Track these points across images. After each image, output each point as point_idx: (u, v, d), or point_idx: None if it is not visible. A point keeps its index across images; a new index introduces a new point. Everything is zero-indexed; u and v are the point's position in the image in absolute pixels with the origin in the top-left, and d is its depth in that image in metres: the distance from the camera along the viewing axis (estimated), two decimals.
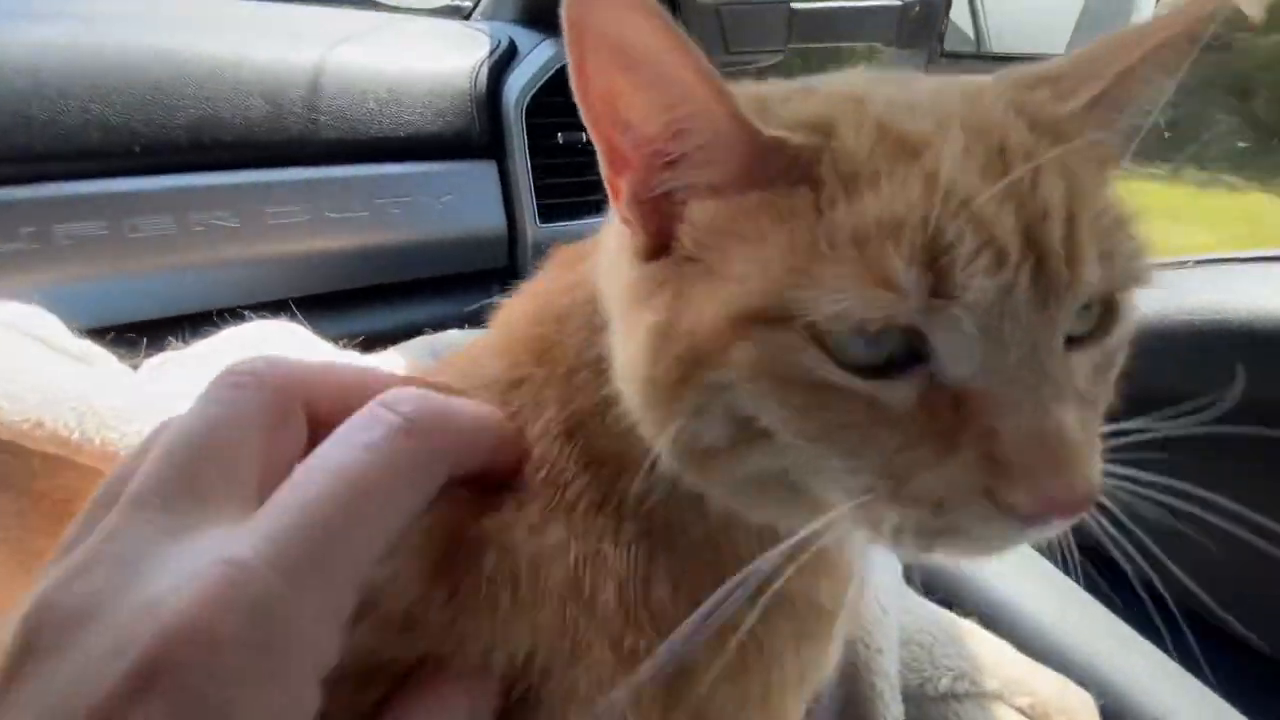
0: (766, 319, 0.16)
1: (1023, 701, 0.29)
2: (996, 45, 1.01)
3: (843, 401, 0.16)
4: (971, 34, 1.01)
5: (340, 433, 0.16)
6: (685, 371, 0.17)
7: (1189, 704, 0.35)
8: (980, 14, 1.00)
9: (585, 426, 0.20)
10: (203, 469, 0.15)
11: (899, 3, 0.81)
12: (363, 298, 0.64)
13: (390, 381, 0.18)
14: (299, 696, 0.14)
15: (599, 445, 0.20)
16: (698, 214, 0.18)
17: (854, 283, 0.15)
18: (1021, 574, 0.41)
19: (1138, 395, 0.20)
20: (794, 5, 0.79)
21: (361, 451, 0.15)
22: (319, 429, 0.17)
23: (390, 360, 0.35)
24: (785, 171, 0.17)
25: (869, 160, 0.16)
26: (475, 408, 0.18)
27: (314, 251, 0.60)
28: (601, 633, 0.18)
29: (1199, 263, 0.42)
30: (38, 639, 0.13)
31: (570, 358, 0.21)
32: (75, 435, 0.26)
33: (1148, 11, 0.87)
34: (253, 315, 0.39)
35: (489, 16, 0.83)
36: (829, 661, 0.23)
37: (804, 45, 0.82)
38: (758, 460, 0.17)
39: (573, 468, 0.19)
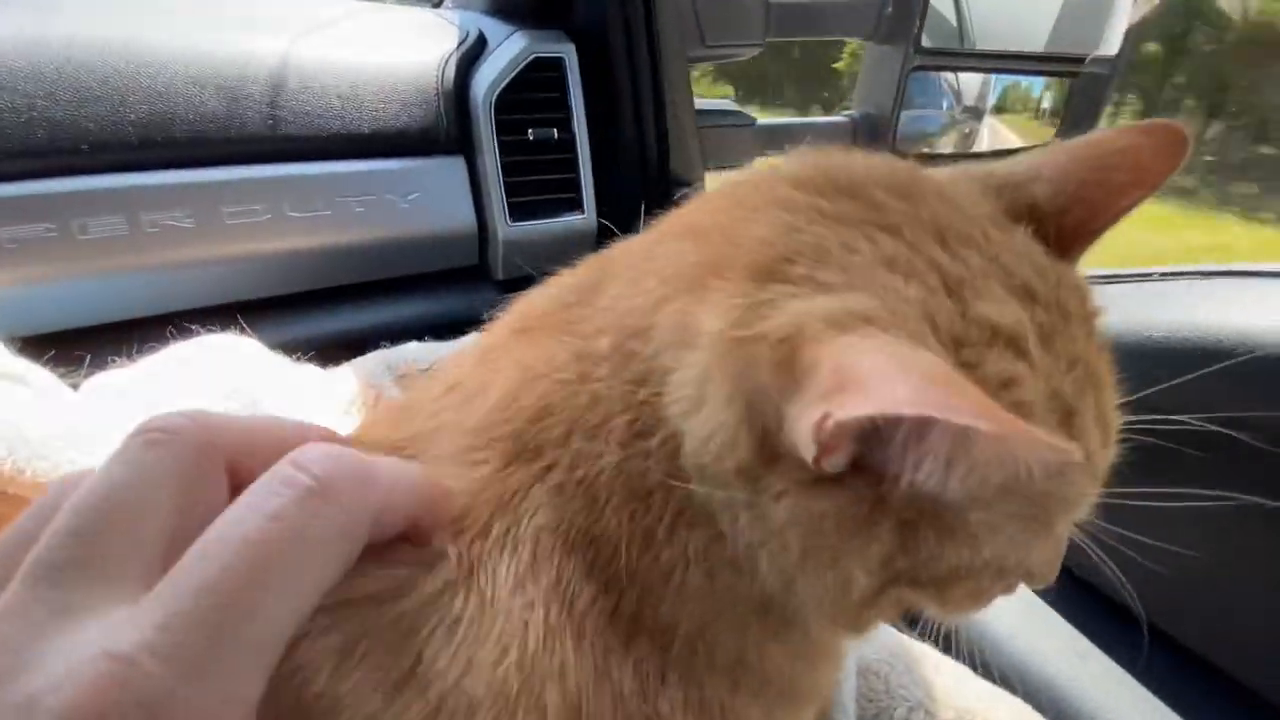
0: None
1: None
2: (980, 40, 1.01)
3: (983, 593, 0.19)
4: (955, 28, 1.01)
5: (245, 498, 0.14)
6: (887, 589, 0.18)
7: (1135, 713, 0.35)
8: (964, 9, 0.99)
9: (596, 537, 0.18)
10: (105, 539, 0.14)
11: None
12: (327, 299, 0.62)
13: (321, 438, 0.17)
14: None
15: (622, 557, 0.18)
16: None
17: (1040, 539, 0.19)
18: None
19: None
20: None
21: (266, 520, 0.14)
22: (242, 489, 0.16)
23: (343, 376, 0.34)
24: None
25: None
26: (393, 463, 0.17)
27: (275, 252, 0.58)
28: None
29: (1164, 275, 0.42)
30: None
31: (592, 459, 0.18)
32: (6, 466, 0.24)
33: (1126, 4, 0.87)
34: (199, 328, 0.37)
35: (461, 4, 0.81)
36: None
37: (781, 39, 0.81)
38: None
39: (582, 583, 0.17)
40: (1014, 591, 0.21)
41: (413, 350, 0.36)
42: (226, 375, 0.31)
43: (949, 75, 0.98)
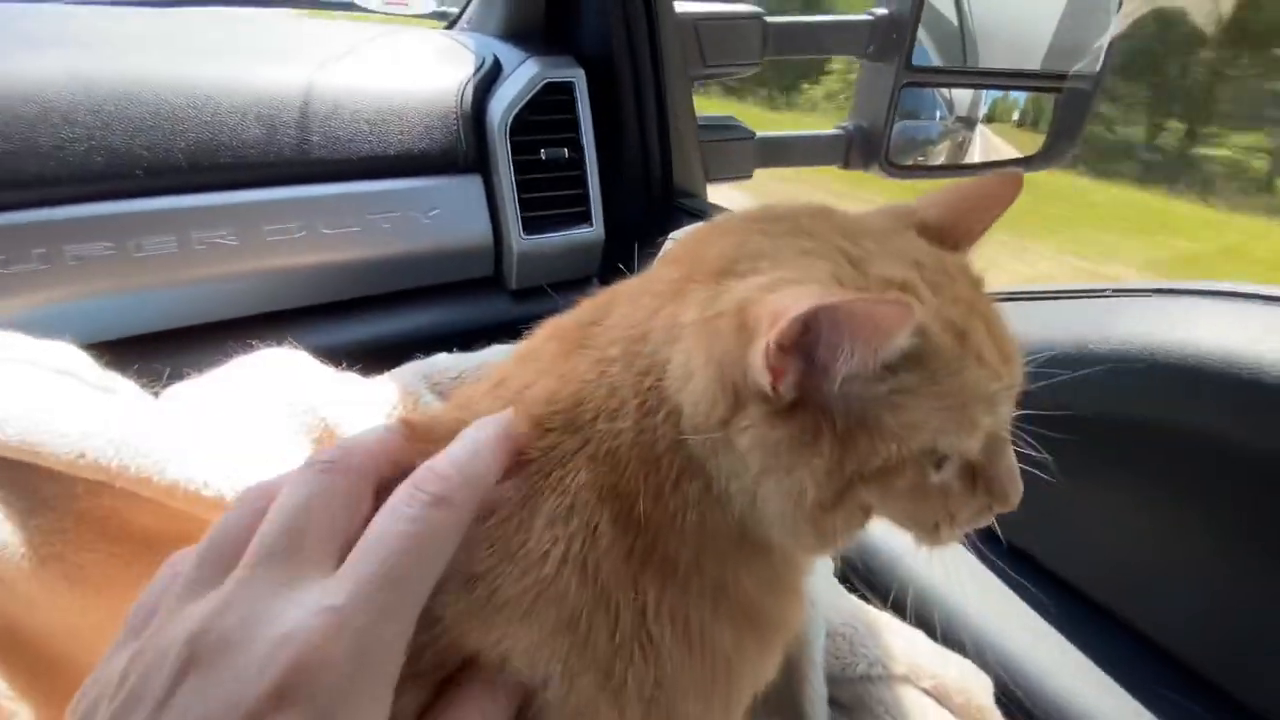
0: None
1: (927, 684, 0.34)
2: (984, 56, 1.04)
3: (933, 489, 0.24)
4: (960, 45, 1.04)
5: (389, 507, 0.21)
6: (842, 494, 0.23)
7: (1085, 684, 0.40)
8: (967, 28, 1.02)
9: (621, 492, 0.23)
10: (305, 535, 0.20)
11: (869, 18, 0.84)
12: (357, 308, 0.67)
13: (425, 455, 0.23)
14: (385, 703, 0.19)
15: (640, 507, 0.23)
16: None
17: (966, 432, 0.23)
18: (949, 571, 0.46)
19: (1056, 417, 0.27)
20: (768, 20, 0.82)
21: (407, 523, 0.20)
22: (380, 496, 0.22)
23: (384, 385, 0.39)
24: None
25: (953, 353, 0.23)
26: (475, 458, 0.22)
27: (310, 265, 0.63)
28: (593, 664, 0.22)
29: (1116, 291, 0.46)
30: (198, 657, 0.18)
31: (620, 427, 0.24)
32: (114, 464, 0.29)
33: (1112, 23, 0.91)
34: (253, 340, 0.42)
35: (474, 27, 0.85)
36: (774, 670, 0.28)
37: (778, 57, 0.86)
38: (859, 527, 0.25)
39: (607, 527, 0.23)
40: (987, 519, 0.26)
41: (443, 361, 0.41)
42: (287, 386, 0.35)
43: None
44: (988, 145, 1.08)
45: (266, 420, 0.34)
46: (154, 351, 0.57)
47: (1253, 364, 0.36)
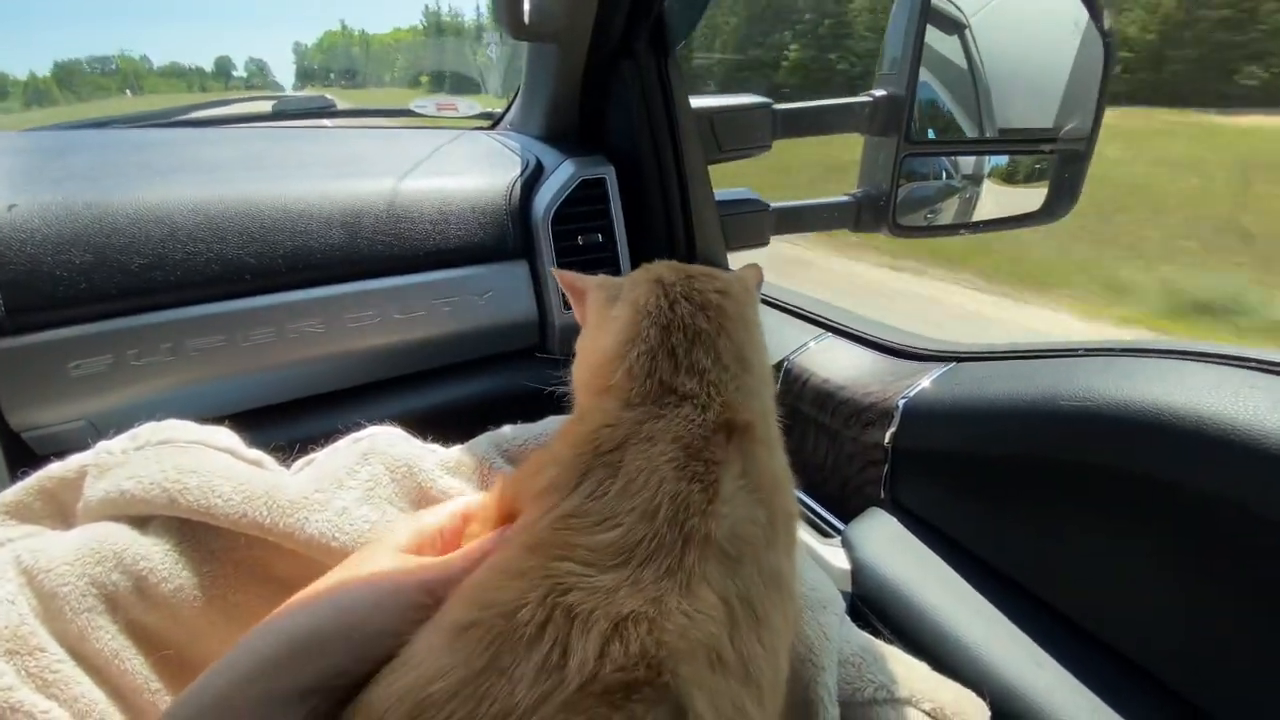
0: None
1: (927, 706, 0.39)
2: (1000, 119, 1.10)
3: None
4: (977, 112, 1.12)
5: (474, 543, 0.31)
6: None
7: (1079, 710, 0.45)
8: (981, 94, 1.10)
9: None
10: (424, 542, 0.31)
11: (869, 99, 0.93)
12: (422, 379, 0.77)
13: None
14: None
15: None
16: None
17: None
18: (954, 606, 0.52)
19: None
20: (776, 107, 0.92)
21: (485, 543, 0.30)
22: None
23: (463, 454, 0.47)
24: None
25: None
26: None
27: (384, 346, 0.73)
28: None
29: (1089, 350, 0.53)
30: None
31: None
32: (267, 522, 0.38)
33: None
34: (344, 414, 0.51)
35: (516, 128, 0.97)
36: None
37: (787, 138, 0.95)
38: None
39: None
40: None
41: (510, 431, 0.49)
42: (390, 453, 0.44)
43: None
44: (996, 201, 1.15)
45: (374, 483, 0.42)
46: (260, 425, 0.67)
47: (1197, 416, 0.42)
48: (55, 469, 0.41)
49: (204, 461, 0.39)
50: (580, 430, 0.32)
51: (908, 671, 0.41)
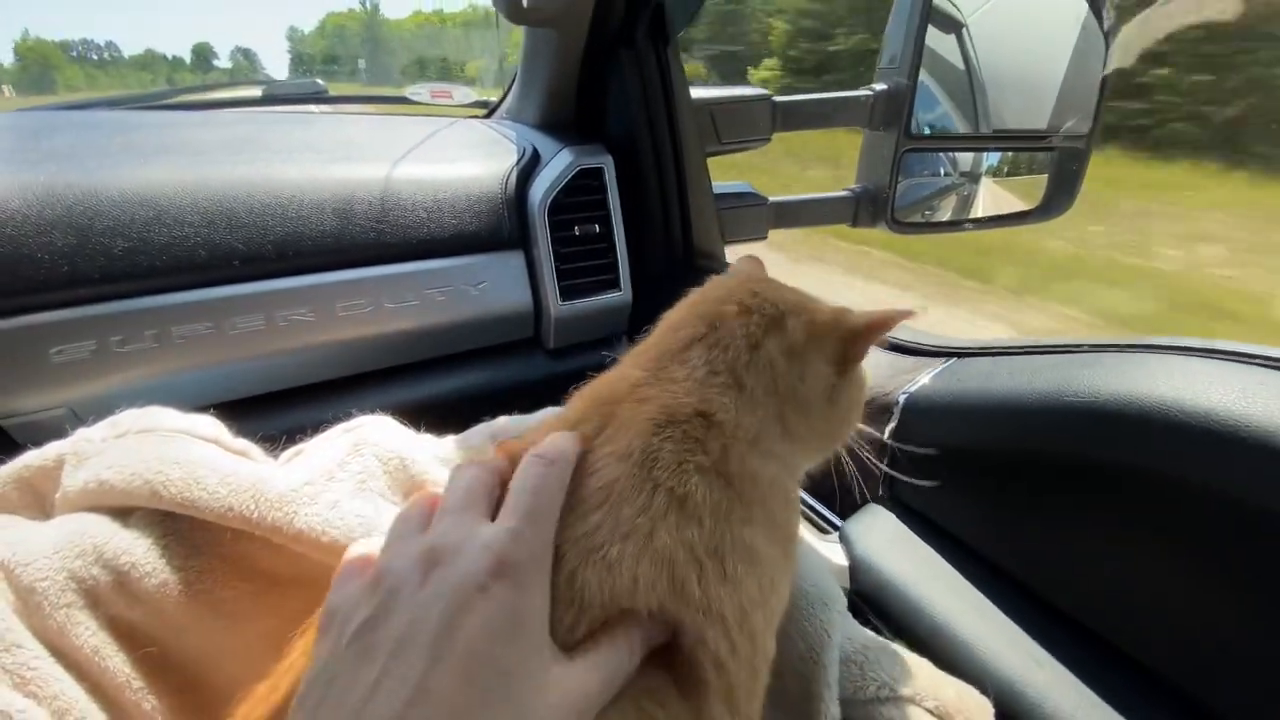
0: None
1: (930, 704, 0.39)
2: (995, 119, 1.10)
3: None
4: (973, 111, 1.11)
5: (519, 474, 0.29)
6: None
7: (1081, 709, 0.44)
8: (978, 92, 1.09)
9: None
10: (475, 501, 0.29)
11: (869, 94, 0.92)
12: (416, 370, 0.75)
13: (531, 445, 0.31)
14: (546, 586, 0.26)
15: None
16: None
17: None
18: (954, 603, 0.51)
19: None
20: (776, 100, 0.91)
21: (536, 480, 0.29)
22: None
23: (455, 444, 0.46)
24: None
25: None
26: (564, 439, 0.30)
27: (375, 336, 0.72)
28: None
29: (1093, 347, 0.52)
30: (437, 557, 0.26)
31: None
32: (254, 515, 0.37)
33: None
34: (336, 404, 0.49)
35: (512, 116, 0.96)
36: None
37: (787, 131, 0.94)
38: None
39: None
40: None
41: (505, 422, 0.48)
42: (379, 447, 0.43)
43: None
44: (994, 198, 1.15)
45: (366, 475, 0.41)
46: (246, 415, 0.65)
47: (1205, 412, 0.41)
48: (32, 457, 0.39)
49: (188, 452, 0.38)
50: None
51: (911, 669, 0.41)
